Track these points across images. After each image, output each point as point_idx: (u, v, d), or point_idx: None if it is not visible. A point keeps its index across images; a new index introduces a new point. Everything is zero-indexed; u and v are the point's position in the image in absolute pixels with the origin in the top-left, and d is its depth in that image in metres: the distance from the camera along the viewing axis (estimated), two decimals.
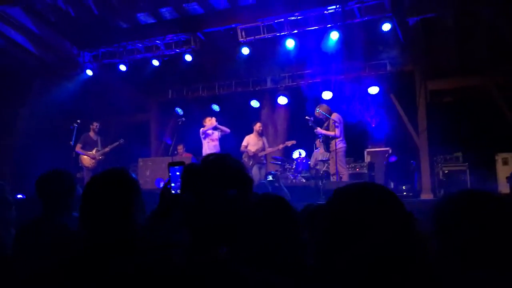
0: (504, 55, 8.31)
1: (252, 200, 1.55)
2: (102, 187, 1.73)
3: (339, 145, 7.97)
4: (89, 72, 9.99)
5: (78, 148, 9.24)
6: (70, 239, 2.09)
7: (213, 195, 1.35)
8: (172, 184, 1.80)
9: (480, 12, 7.79)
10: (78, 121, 9.01)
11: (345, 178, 7.96)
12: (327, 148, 8.30)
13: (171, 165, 1.83)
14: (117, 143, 9.61)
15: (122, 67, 9.82)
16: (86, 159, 9.35)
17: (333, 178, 8.10)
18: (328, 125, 8.23)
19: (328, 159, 8.71)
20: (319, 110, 8.31)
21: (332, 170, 8.17)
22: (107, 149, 9.53)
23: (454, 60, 9.01)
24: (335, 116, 8.19)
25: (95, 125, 9.53)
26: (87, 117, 9.54)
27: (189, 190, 1.40)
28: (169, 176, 1.81)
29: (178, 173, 1.79)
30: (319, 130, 8.29)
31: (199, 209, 1.34)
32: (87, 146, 9.41)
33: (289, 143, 9.33)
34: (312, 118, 8.53)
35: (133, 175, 1.83)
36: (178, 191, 1.76)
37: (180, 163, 1.82)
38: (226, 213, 1.35)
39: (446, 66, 9.22)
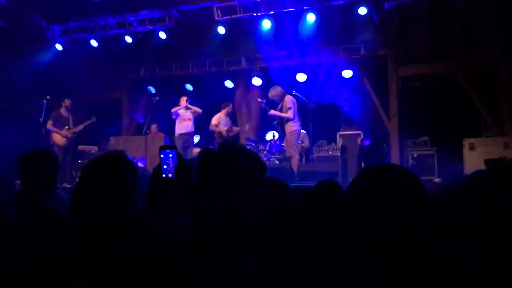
0: (473, 44, 8.51)
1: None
2: (102, 171, 1.71)
3: (293, 127, 7.99)
4: (59, 47, 9.68)
5: (49, 125, 8.99)
6: (56, 220, 2.06)
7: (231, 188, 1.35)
8: (164, 166, 1.79)
9: (453, 1, 7.96)
10: (48, 97, 8.77)
11: (295, 161, 7.99)
12: (282, 131, 8.32)
13: (163, 148, 1.82)
14: (90, 121, 9.37)
15: (94, 43, 9.55)
16: (57, 137, 9.11)
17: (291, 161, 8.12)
18: (282, 108, 8.25)
19: (302, 141, 8.81)
20: (272, 93, 8.34)
21: (288, 152, 8.22)
22: (79, 127, 9.29)
23: (426, 47, 9.18)
24: (288, 98, 8.20)
25: (67, 102, 9.26)
26: (57, 94, 9.27)
27: (203, 178, 1.39)
28: (160, 159, 1.81)
29: (171, 156, 1.79)
30: (272, 111, 8.32)
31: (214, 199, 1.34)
32: (58, 123, 9.15)
33: (247, 126, 9.50)
34: (264, 100, 8.58)
35: (131, 158, 1.81)
36: (170, 174, 1.76)
37: (172, 147, 1.83)
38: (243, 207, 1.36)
39: (418, 52, 9.38)
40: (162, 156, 1.81)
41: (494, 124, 8.81)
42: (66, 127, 9.20)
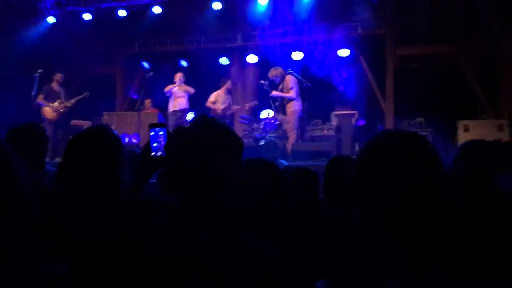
0: (476, 26, 8.41)
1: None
2: (85, 146, 1.66)
3: (295, 107, 7.99)
4: (51, 19, 9.51)
5: (40, 99, 8.87)
6: (46, 195, 2.01)
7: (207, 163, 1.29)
8: (154, 144, 1.75)
9: None
10: (40, 70, 8.64)
11: (291, 141, 8.02)
12: (284, 111, 8.30)
13: (152, 126, 1.77)
14: (82, 95, 9.23)
15: (87, 16, 9.39)
16: (49, 111, 9.00)
17: (288, 140, 8.13)
18: (282, 88, 8.22)
19: None
20: (272, 73, 8.29)
21: (287, 132, 8.23)
22: (71, 102, 9.16)
23: (426, 27, 9.07)
24: (289, 78, 8.18)
25: (59, 76, 9.11)
26: (49, 67, 9.13)
27: (178, 155, 1.33)
28: (150, 137, 1.76)
29: (161, 133, 1.74)
30: (274, 92, 8.29)
31: (191, 175, 1.29)
32: (50, 97, 9.02)
33: (252, 104, 9.34)
34: (267, 82, 8.52)
35: (115, 132, 1.77)
36: (159, 153, 1.72)
37: (162, 125, 1.78)
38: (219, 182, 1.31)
39: (417, 32, 9.28)
40: (152, 133, 1.76)
41: (490, 107, 8.79)
42: (58, 101, 9.08)
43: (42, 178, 2.54)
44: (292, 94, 8.00)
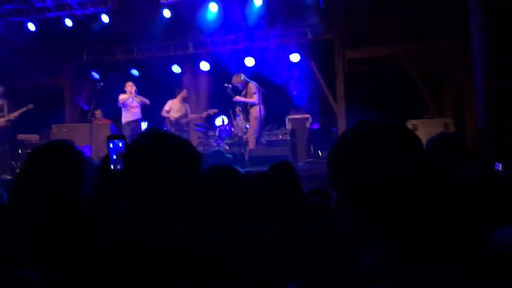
0: (416, 26, 8.77)
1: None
2: (47, 161, 1.61)
3: (258, 112, 8.09)
4: None
5: None
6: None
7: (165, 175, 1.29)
8: (114, 157, 1.71)
9: None
10: None
11: (251, 145, 8.13)
12: (247, 116, 8.39)
13: (111, 138, 1.73)
14: (26, 108, 8.80)
15: (31, 27, 9.08)
16: None
17: (249, 145, 8.21)
18: (246, 93, 8.30)
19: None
20: (233, 81, 8.38)
21: (249, 136, 8.30)
22: (14, 115, 8.71)
23: (370, 30, 9.37)
24: (251, 84, 8.28)
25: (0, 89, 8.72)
26: (2, 82, 8.75)
27: (138, 170, 1.32)
28: (109, 149, 1.72)
29: (120, 145, 1.71)
30: (238, 98, 8.38)
31: (151, 188, 1.28)
32: None
33: (211, 112, 9.28)
34: (230, 86, 8.56)
35: (78, 147, 1.72)
36: (118, 166, 1.69)
37: (120, 137, 1.74)
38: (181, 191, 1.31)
39: (363, 36, 9.56)
40: (110, 145, 1.72)
41: (434, 106, 9.18)
42: (0, 114, 8.66)
43: None
44: (255, 99, 8.09)
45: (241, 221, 1.93)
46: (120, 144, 1.70)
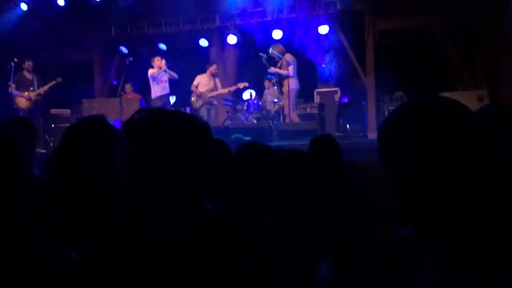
0: None
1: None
2: (84, 136, 1.64)
3: (292, 85, 8.02)
4: (24, 6, 9.25)
5: (12, 88, 8.50)
6: (38, 187, 1.98)
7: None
8: None
9: None
10: (15, 59, 8.40)
11: (293, 118, 8.08)
12: (280, 89, 8.33)
13: None
14: (54, 81, 8.86)
15: (60, 1, 9.16)
16: (21, 100, 8.64)
17: (286, 119, 8.20)
18: (281, 66, 8.24)
19: (280, 100, 8.80)
20: (273, 50, 8.27)
21: (286, 110, 8.28)
22: (44, 89, 8.79)
23: (403, 0, 9.08)
24: (288, 56, 8.20)
25: (27, 64, 8.69)
26: (24, 56, 8.88)
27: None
28: None
29: None
30: (272, 68, 8.31)
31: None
32: (22, 86, 8.65)
33: (241, 85, 9.20)
34: (265, 56, 8.48)
35: (111, 123, 1.74)
36: None
37: None
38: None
39: (395, 6, 9.27)
40: None
41: (469, 77, 8.90)
42: (31, 89, 8.80)
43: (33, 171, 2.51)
44: (289, 71, 8.03)
45: (274, 197, 1.94)
46: None
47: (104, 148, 1.64)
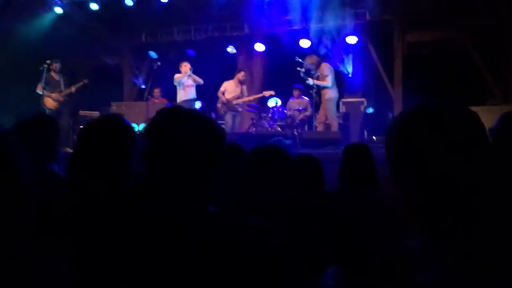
0: (482, 8, 8.29)
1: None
2: (99, 135, 1.68)
3: (330, 95, 8.01)
4: (58, 10, 9.52)
5: (39, 88, 8.73)
6: (60, 184, 2.03)
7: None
8: None
9: None
10: (48, 61, 8.63)
11: (333, 128, 8.07)
12: (319, 98, 8.31)
13: None
14: (81, 82, 9.00)
15: (94, 6, 9.39)
16: (49, 101, 8.80)
17: (319, 126, 8.16)
18: (319, 76, 8.23)
19: (305, 109, 8.81)
20: (309, 61, 8.29)
21: (320, 118, 8.27)
22: (71, 90, 8.93)
23: (433, 12, 8.95)
24: (324, 66, 8.19)
25: (54, 65, 8.84)
26: (57, 58, 9.13)
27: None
28: None
29: None
30: (311, 80, 8.27)
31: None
32: (49, 87, 8.80)
33: (266, 93, 9.22)
34: (303, 69, 8.48)
35: (128, 122, 1.78)
36: None
37: None
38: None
39: (425, 18, 9.16)
40: None
41: (499, 92, 8.70)
42: (58, 90, 8.92)
43: (55, 167, 2.56)
44: (327, 82, 8.04)
45: (287, 201, 1.93)
46: None
47: (118, 146, 1.67)
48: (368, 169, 2.76)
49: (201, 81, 9.17)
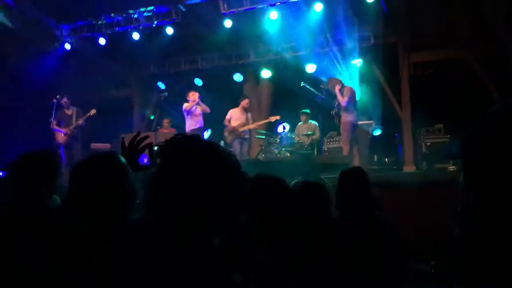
0: (485, 28, 8.30)
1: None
2: (89, 173, 1.68)
3: (347, 118, 7.89)
4: (67, 46, 9.74)
5: (53, 125, 8.86)
6: (51, 221, 2.03)
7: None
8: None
9: None
10: (58, 96, 8.79)
11: (345, 151, 7.92)
12: (339, 120, 8.19)
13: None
14: (88, 114, 9.05)
15: (102, 41, 9.59)
16: (60, 135, 8.94)
17: (344, 151, 8.02)
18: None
19: (313, 133, 8.83)
20: (330, 84, 8.26)
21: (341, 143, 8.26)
22: (79, 122, 9.00)
23: (437, 32, 8.99)
24: (347, 87, 8.12)
25: (63, 100, 9.00)
26: (67, 93, 9.29)
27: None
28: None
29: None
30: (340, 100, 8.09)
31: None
32: (63, 122, 9.00)
33: (272, 119, 9.25)
34: (324, 97, 8.45)
35: (122, 159, 1.77)
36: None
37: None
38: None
39: (429, 39, 9.19)
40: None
41: None
42: (71, 124, 9.03)
43: (51, 203, 2.57)
44: (344, 102, 7.88)
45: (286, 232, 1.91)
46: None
47: (109, 186, 1.66)
48: (363, 193, 2.75)
49: (208, 109, 9.23)
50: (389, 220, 2.81)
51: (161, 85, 10.90)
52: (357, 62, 9.44)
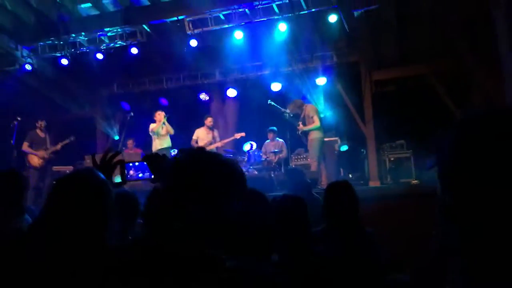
0: (443, 44, 8.67)
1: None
2: (71, 192, 1.62)
3: (314, 134, 8.00)
4: (28, 67, 9.51)
5: (25, 147, 8.73)
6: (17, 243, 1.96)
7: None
8: (140, 175, 1.75)
9: (421, 2, 8.09)
10: (19, 118, 8.56)
11: (313, 168, 8.00)
12: (306, 141, 8.28)
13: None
14: (68, 140, 9.10)
15: (64, 61, 9.42)
16: (34, 159, 8.82)
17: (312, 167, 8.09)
18: (304, 117, 8.27)
19: (280, 151, 8.88)
20: (292, 107, 8.38)
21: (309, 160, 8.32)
22: (57, 147, 9.00)
23: (397, 50, 9.32)
24: (309, 107, 8.27)
25: (40, 123, 8.98)
26: (29, 114, 9.06)
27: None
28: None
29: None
30: (301, 127, 8.17)
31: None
32: (35, 144, 8.87)
33: (237, 136, 9.30)
34: (291, 114, 8.53)
35: (102, 177, 1.71)
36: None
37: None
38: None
39: (389, 57, 9.52)
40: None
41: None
42: (43, 147, 8.95)
43: (21, 224, 2.49)
44: (316, 122, 8.00)
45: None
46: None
47: (90, 203, 1.61)
48: (350, 206, 2.80)
49: (172, 131, 9.19)
50: (372, 232, 2.87)
51: (125, 105, 10.77)
52: (321, 80, 9.64)
